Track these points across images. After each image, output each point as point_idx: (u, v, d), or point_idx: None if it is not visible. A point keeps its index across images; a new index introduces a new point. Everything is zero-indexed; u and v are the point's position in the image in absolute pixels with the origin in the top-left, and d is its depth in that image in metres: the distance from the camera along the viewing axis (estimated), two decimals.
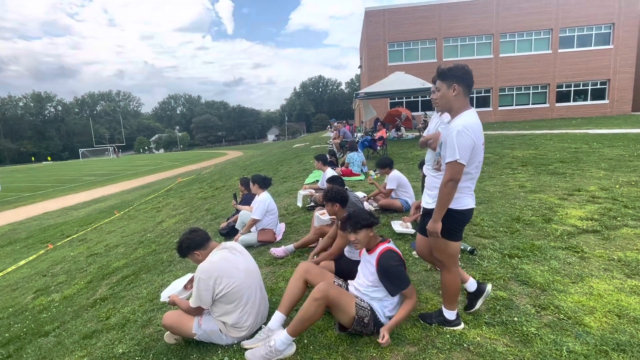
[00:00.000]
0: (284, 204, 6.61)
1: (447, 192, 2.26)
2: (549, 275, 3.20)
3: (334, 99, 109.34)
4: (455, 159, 2.21)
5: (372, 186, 7.21)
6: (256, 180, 4.83)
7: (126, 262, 5.91)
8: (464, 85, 2.29)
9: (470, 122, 2.23)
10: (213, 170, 20.93)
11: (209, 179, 14.93)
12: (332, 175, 4.72)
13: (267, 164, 14.80)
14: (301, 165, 11.73)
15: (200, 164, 34.07)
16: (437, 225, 2.32)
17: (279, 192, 7.88)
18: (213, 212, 7.71)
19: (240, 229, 4.97)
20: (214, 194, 10.50)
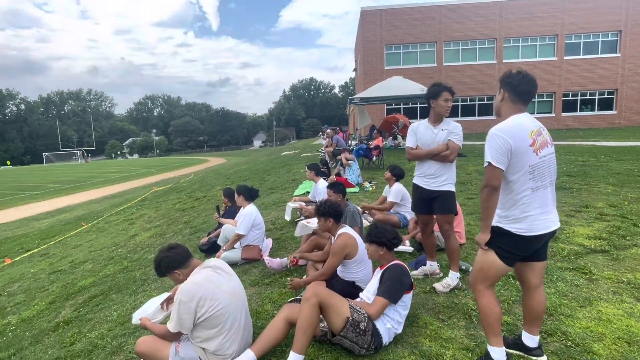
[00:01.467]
0: (271, 218, 6.58)
1: (484, 198, 2.24)
2: (556, 299, 3.25)
3: (327, 103, 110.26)
4: (487, 161, 2.23)
5: (367, 199, 7.25)
6: (241, 191, 4.81)
7: (94, 281, 5.79)
8: (512, 92, 2.31)
9: (507, 125, 2.24)
10: (193, 178, 20.76)
11: (188, 189, 14.84)
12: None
13: (253, 173, 14.78)
14: (290, 175, 11.71)
15: (179, 172, 33.71)
16: (484, 236, 2.28)
17: (265, 204, 7.87)
18: (192, 226, 7.65)
19: (222, 244, 4.94)
20: (194, 205, 10.45)
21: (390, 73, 23.58)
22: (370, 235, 2.87)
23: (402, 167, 5.39)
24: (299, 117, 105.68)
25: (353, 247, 3.24)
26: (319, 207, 3.41)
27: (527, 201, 2.25)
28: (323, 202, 3.44)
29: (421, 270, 3.81)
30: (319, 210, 3.40)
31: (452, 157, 3.36)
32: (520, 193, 2.25)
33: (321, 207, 3.41)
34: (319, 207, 3.41)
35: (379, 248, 2.83)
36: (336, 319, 2.57)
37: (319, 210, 3.40)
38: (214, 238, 5.35)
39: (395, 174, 5.39)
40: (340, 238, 3.28)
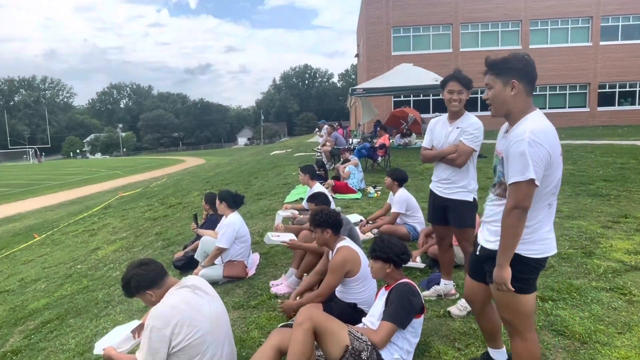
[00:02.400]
0: (258, 229, 6.59)
1: (514, 224, 2.07)
2: (591, 324, 3.27)
3: (324, 94, 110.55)
4: (528, 177, 2.01)
5: (371, 207, 7.29)
6: (224, 198, 4.82)
7: (48, 303, 5.76)
8: (526, 81, 2.15)
9: (541, 127, 2.07)
10: (166, 182, 20.73)
11: (161, 194, 14.81)
12: (314, 193, 4.74)
13: (237, 176, 14.74)
14: (281, 178, 11.71)
15: (149, 174, 33.61)
16: (506, 273, 2.13)
17: (252, 212, 7.88)
18: (165, 238, 7.64)
19: (201, 260, 4.94)
20: (167, 213, 10.43)
21: (398, 60, 23.75)
22: (375, 250, 2.87)
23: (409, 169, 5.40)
24: (291, 111, 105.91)
25: (355, 263, 3.24)
26: (314, 216, 3.42)
27: (542, 219, 2.17)
28: (319, 211, 3.44)
29: (434, 291, 3.81)
30: (314, 221, 3.41)
31: (459, 160, 3.30)
32: (537, 210, 2.15)
33: (317, 217, 3.40)
34: (314, 216, 3.42)
35: (385, 265, 2.84)
36: (333, 347, 2.56)
37: (315, 220, 3.41)
38: (191, 252, 5.34)
39: (396, 179, 5.41)
40: (340, 252, 3.28)
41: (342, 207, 7.31)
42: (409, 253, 2.92)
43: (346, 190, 8.51)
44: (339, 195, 8.34)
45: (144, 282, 2.59)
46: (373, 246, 2.90)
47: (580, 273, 4.17)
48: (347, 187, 8.55)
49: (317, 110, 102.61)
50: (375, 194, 8.35)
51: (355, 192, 8.56)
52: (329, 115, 76.27)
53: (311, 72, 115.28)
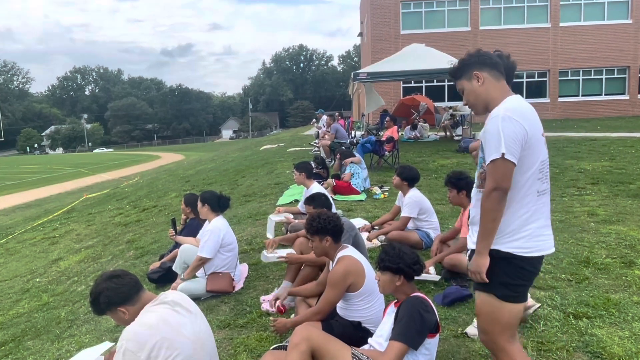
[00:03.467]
0: (247, 235, 6.59)
1: (493, 206, 2.25)
2: (631, 344, 3.29)
3: (322, 80, 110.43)
4: (500, 152, 2.22)
5: (377, 210, 7.30)
6: (207, 200, 4.82)
7: (2, 322, 5.76)
8: (488, 67, 2.42)
9: (515, 105, 2.32)
10: (139, 182, 20.70)
11: (133, 196, 14.79)
12: (312, 194, 4.74)
13: (222, 174, 14.73)
14: (272, 176, 11.74)
15: (119, 172, 33.46)
16: (483, 260, 2.30)
17: (239, 216, 7.90)
18: (139, 246, 7.65)
19: (180, 272, 4.94)
20: (140, 218, 10.44)
21: (408, 40, 23.73)
22: (383, 260, 2.88)
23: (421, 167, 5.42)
24: (283, 99, 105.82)
25: (358, 275, 3.26)
26: (311, 222, 3.43)
27: (531, 209, 2.31)
28: (317, 215, 3.44)
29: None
30: (311, 227, 3.42)
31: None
32: (523, 199, 2.30)
33: (314, 223, 3.40)
34: (311, 222, 3.43)
35: (395, 277, 2.85)
36: None
37: (311, 226, 3.42)
38: (169, 263, 5.35)
39: (405, 178, 5.39)
40: (341, 263, 3.30)
41: (344, 210, 7.32)
42: (421, 263, 2.92)
43: (349, 190, 8.52)
44: (341, 197, 8.34)
45: (116, 297, 2.59)
46: (381, 255, 2.91)
47: (620, 286, 4.19)
48: (350, 188, 8.56)
49: (314, 98, 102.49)
50: (382, 195, 8.34)
51: (359, 192, 8.56)
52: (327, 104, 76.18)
53: (307, 53, 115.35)
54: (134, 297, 2.63)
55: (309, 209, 4.41)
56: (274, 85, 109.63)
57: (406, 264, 2.84)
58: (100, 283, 2.64)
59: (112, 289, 2.60)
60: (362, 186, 8.80)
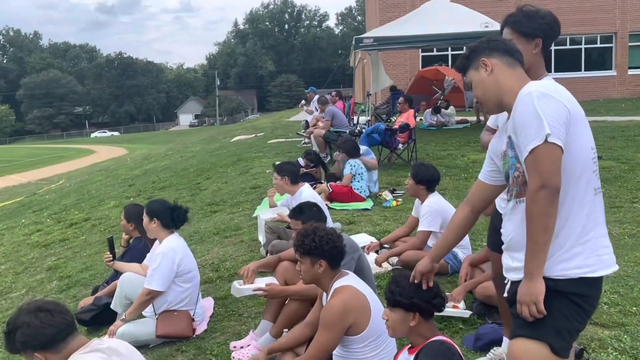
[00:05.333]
0: (213, 259, 6.54)
1: (541, 211, 2.26)
2: None
3: (315, 46, 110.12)
4: (543, 135, 2.25)
5: (387, 222, 7.30)
6: (157, 212, 4.82)
7: None
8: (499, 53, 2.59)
9: (547, 83, 2.44)
10: (64, 186, 20.54)
11: (56, 206, 14.68)
12: (300, 204, 4.77)
13: (178, 176, 14.66)
14: (248, 178, 11.68)
15: (37, 173, 33.25)
16: (537, 286, 2.30)
17: (202, 233, 7.85)
18: (64, 275, 7.60)
19: (121, 310, 4.92)
20: (66, 236, 10.37)
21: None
22: (394, 293, 2.89)
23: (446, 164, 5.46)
24: (262, 72, 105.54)
25: (361, 313, 3.28)
26: (302, 239, 3.46)
27: (588, 212, 2.35)
28: (310, 231, 3.47)
29: (494, 355, 3.81)
30: (301, 245, 3.45)
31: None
32: (576, 199, 2.34)
33: (306, 240, 3.43)
34: (302, 239, 3.46)
35: (408, 315, 2.85)
36: None
37: (302, 244, 3.45)
38: (105, 299, 5.30)
39: (421, 180, 5.40)
40: (339, 296, 3.31)
41: (344, 223, 7.30)
42: (444, 295, 2.94)
43: (349, 196, 8.51)
44: (338, 205, 8.34)
45: (35, 339, 2.59)
46: (390, 286, 2.92)
47: None
48: (351, 193, 8.55)
49: (303, 72, 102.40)
50: (393, 203, 8.35)
51: (364, 199, 8.56)
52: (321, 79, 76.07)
53: (294, 10, 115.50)
54: (60, 343, 2.63)
55: (297, 224, 4.44)
56: (249, 54, 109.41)
57: (423, 297, 2.84)
58: (22, 315, 2.64)
59: (35, 327, 2.60)
60: (367, 190, 8.79)
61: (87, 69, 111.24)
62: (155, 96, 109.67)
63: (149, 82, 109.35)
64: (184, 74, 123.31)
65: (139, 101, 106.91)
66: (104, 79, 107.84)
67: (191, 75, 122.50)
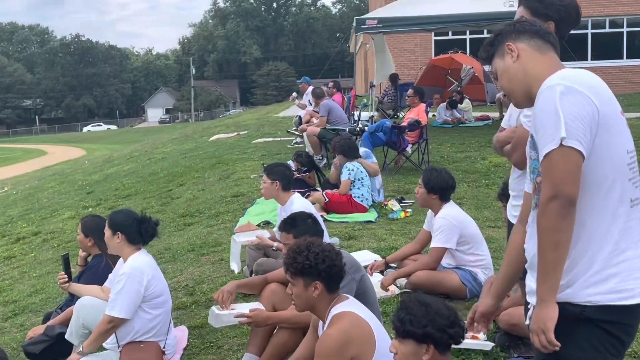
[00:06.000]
0: (187, 281, 6.60)
1: (551, 225, 2.28)
2: None
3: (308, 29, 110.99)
4: (558, 139, 2.25)
5: (394, 237, 7.32)
6: (121, 225, 4.81)
7: None
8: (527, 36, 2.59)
9: (576, 73, 2.40)
10: (10, 194, 20.87)
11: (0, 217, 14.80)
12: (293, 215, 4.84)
13: (146, 182, 14.86)
14: (229, 184, 11.80)
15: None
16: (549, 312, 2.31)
17: (174, 250, 7.93)
18: (9, 300, 7.67)
19: (77, 342, 4.92)
20: (13, 253, 10.46)
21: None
22: (403, 322, 2.91)
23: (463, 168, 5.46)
24: (247, 59, 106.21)
25: (364, 344, 3.36)
26: (294, 256, 3.50)
27: (622, 228, 2.34)
28: (304, 248, 3.51)
29: None
30: (293, 264, 3.49)
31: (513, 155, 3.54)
32: (607, 212, 2.33)
33: (299, 258, 3.47)
34: (294, 256, 3.50)
35: (420, 348, 2.88)
36: None
37: (295, 262, 3.49)
38: (59, 328, 5.27)
39: (433, 188, 5.43)
40: (338, 325, 3.36)
41: (342, 237, 7.33)
42: (462, 324, 2.95)
43: (349, 207, 8.55)
44: (336, 217, 8.41)
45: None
46: (399, 313, 2.95)
47: None
48: (351, 202, 8.57)
49: (294, 59, 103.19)
50: (401, 214, 8.39)
51: (366, 209, 8.60)
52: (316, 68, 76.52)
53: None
54: None
55: (288, 238, 4.47)
56: (230, 37, 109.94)
57: (438, 327, 2.86)
58: None
59: None
60: (369, 199, 8.79)
61: (37, 55, 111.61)
62: (119, 87, 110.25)
63: (111, 70, 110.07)
64: (153, 60, 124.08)
65: (100, 93, 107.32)
66: (58, 66, 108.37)
67: (161, 62, 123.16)
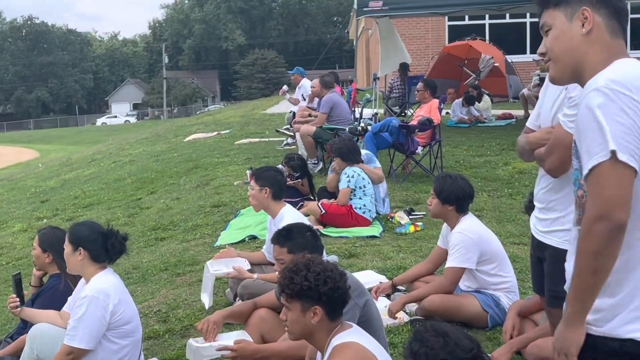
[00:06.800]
0: (160, 305, 6.68)
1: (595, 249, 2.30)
2: None
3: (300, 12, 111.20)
4: (607, 151, 2.25)
5: (402, 254, 7.33)
6: (83, 240, 4.82)
7: None
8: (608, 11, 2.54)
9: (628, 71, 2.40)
10: None
11: None
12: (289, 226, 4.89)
13: (111, 189, 14.98)
14: (208, 192, 11.90)
15: None
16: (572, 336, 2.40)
17: (143, 270, 8.00)
18: None
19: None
20: None
21: None
22: (417, 355, 2.90)
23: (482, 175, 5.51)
24: (229, 46, 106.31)
25: None
26: (291, 276, 3.53)
27: None
28: (302, 266, 3.54)
29: None
30: (290, 285, 3.52)
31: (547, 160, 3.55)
32: None
33: (296, 278, 3.50)
34: (291, 276, 3.53)
35: None
36: None
37: (291, 283, 3.51)
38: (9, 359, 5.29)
39: (447, 198, 5.47)
40: (341, 357, 3.40)
41: (341, 256, 7.34)
42: (484, 357, 2.96)
43: (349, 219, 8.61)
44: (334, 231, 8.47)
45: None
46: (412, 345, 2.96)
47: None
48: (351, 214, 8.62)
49: (284, 47, 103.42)
50: (410, 228, 8.42)
51: (369, 222, 8.67)
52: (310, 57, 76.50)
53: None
54: None
55: (281, 252, 4.49)
56: (209, 20, 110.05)
57: (456, 359, 2.84)
58: None
59: None
60: (374, 210, 8.82)
61: None
62: (78, 78, 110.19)
63: (69, 58, 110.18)
64: (119, 47, 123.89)
65: (56, 85, 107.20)
66: (7, 53, 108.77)
67: (129, 49, 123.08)
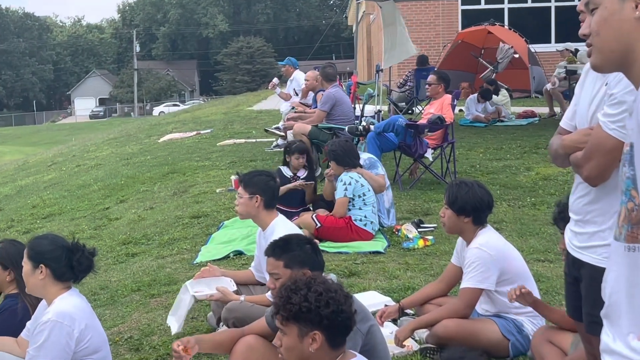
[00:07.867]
0: (131, 331, 6.64)
1: None
2: None
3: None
4: None
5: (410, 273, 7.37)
6: (44, 255, 4.83)
7: None
8: None
9: None
10: None
11: None
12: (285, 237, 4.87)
13: (74, 196, 14.93)
14: (186, 201, 11.91)
15: None
16: None
17: (112, 290, 7.98)
18: None
19: None
20: None
21: None
22: None
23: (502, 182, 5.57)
24: (209, 34, 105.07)
25: None
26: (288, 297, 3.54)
27: None
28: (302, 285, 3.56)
29: None
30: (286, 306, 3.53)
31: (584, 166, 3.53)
32: None
33: (293, 299, 3.51)
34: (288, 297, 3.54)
35: None
36: None
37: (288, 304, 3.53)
38: None
39: (462, 208, 5.45)
40: None
41: (340, 274, 7.34)
42: None
43: (348, 232, 8.63)
44: (332, 246, 8.43)
45: None
46: None
47: None
48: (351, 227, 8.64)
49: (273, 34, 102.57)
50: (419, 242, 8.45)
51: (372, 236, 8.69)
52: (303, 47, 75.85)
53: None
54: None
55: (276, 266, 4.50)
56: (187, 4, 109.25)
57: None
58: None
59: None
60: (377, 222, 8.87)
61: None
62: (37, 69, 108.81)
63: (26, 46, 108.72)
64: (83, 34, 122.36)
65: (10, 77, 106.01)
66: None
67: (94, 36, 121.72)
